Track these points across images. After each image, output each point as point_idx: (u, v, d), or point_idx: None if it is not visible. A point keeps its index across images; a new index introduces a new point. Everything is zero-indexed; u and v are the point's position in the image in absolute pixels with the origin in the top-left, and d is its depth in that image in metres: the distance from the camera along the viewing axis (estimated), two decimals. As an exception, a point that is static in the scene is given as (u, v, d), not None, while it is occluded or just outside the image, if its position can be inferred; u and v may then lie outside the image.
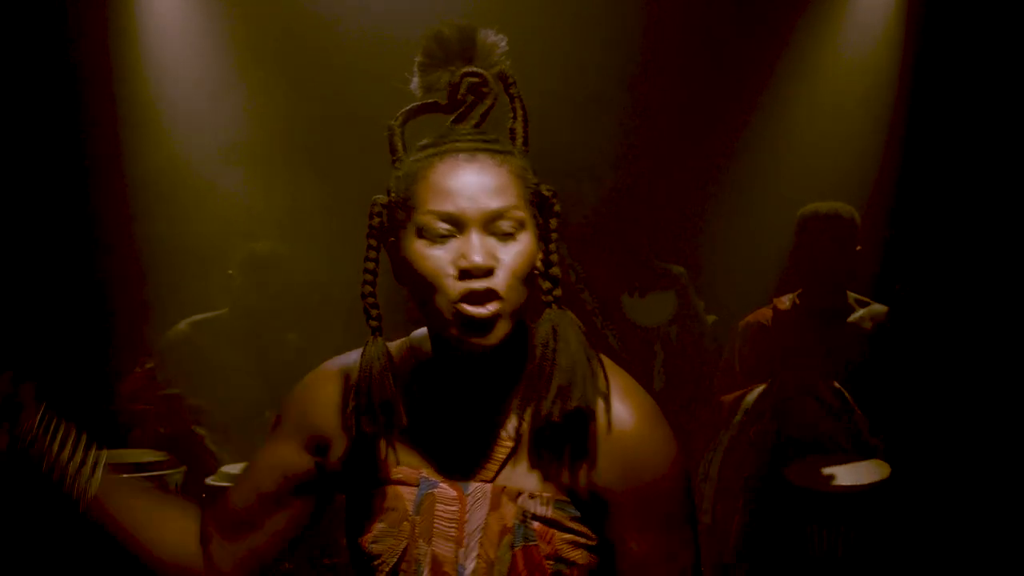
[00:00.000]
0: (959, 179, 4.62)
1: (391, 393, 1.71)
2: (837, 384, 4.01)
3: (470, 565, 1.70)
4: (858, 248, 4.13)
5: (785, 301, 4.26)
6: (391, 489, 1.74)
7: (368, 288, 1.72)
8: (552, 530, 1.70)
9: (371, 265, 1.72)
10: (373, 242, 1.72)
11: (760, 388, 4.07)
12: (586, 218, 4.46)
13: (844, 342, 4.10)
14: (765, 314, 4.27)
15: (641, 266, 4.60)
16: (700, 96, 5.03)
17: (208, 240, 4.70)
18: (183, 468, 3.81)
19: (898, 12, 4.87)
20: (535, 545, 1.69)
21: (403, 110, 1.79)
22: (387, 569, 1.73)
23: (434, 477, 1.73)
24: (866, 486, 3.68)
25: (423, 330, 1.81)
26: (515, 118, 1.77)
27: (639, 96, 4.70)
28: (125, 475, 3.62)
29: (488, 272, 1.64)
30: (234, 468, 3.79)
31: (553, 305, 1.71)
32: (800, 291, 4.25)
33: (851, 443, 3.94)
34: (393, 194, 1.73)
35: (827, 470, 3.76)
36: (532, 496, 1.70)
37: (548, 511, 1.70)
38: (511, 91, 1.76)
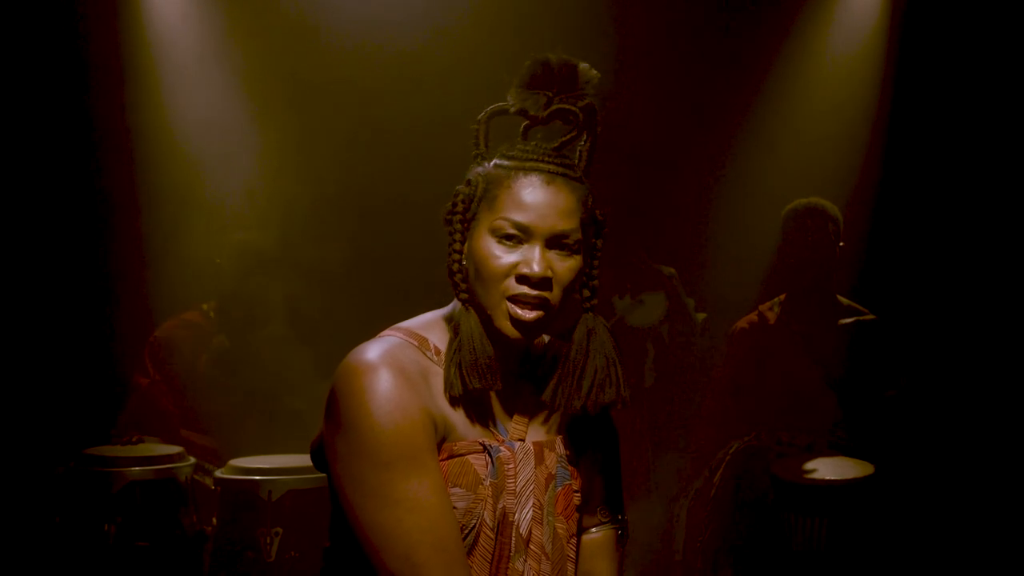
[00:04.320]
0: (940, 179, 4.71)
1: (493, 353, 1.91)
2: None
3: (527, 513, 1.94)
4: (841, 244, 4.25)
5: (770, 308, 4.34)
6: (461, 458, 1.90)
7: (455, 266, 1.94)
8: (572, 467, 2.02)
9: (456, 245, 1.94)
10: (458, 225, 1.94)
11: (737, 444, 4.16)
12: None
13: (831, 345, 4.20)
14: (752, 320, 4.35)
15: (632, 268, 4.69)
16: (691, 99, 5.10)
17: (206, 235, 4.76)
18: (193, 461, 3.91)
19: (882, 19, 4.95)
20: (569, 483, 2.01)
21: (491, 108, 1.99)
22: (467, 530, 1.89)
23: (489, 441, 1.92)
24: (850, 481, 3.77)
25: (440, 312, 2.00)
26: (586, 142, 1.99)
27: (631, 99, 4.75)
28: (136, 468, 3.79)
29: (544, 281, 1.89)
30: (242, 461, 3.88)
31: (589, 312, 1.98)
32: (784, 296, 4.34)
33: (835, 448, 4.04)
34: (474, 186, 1.94)
35: (812, 466, 3.86)
36: (562, 444, 2.01)
37: (574, 453, 2.03)
38: (592, 121, 1.98)
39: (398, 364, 1.86)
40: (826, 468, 3.85)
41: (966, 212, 4.65)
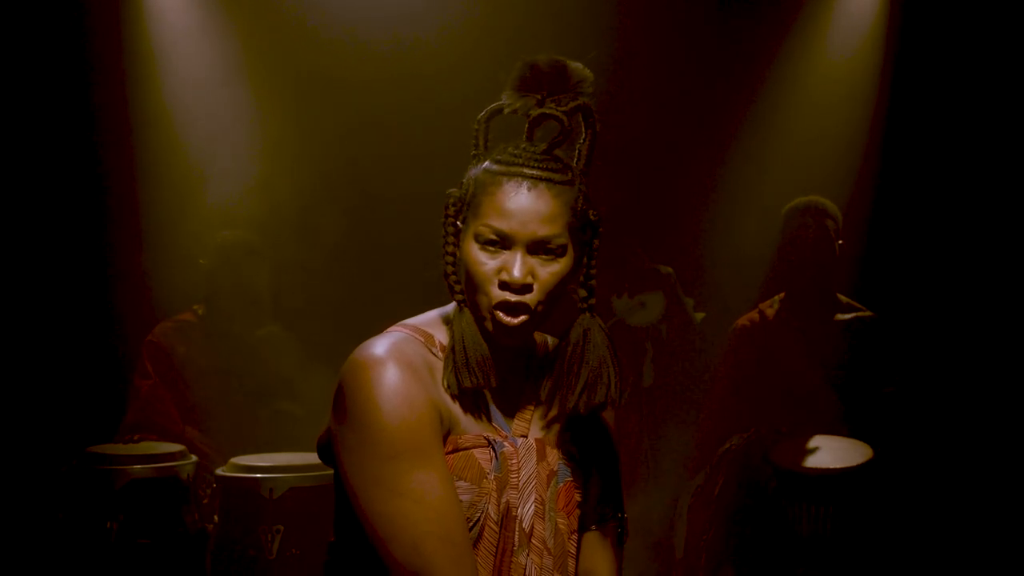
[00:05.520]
0: (939, 177, 4.73)
1: (488, 353, 1.94)
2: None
3: (529, 508, 1.97)
4: (840, 242, 4.27)
5: (770, 306, 4.37)
6: (466, 452, 1.94)
7: (450, 268, 1.97)
8: (573, 464, 2.05)
9: (450, 248, 1.97)
10: (451, 228, 1.97)
11: (737, 439, 4.17)
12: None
13: (831, 342, 4.22)
14: (752, 318, 4.38)
15: (630, 267, 4.71)
16: (691, 99, 5.11)
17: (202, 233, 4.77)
18: (195, 459, 3.92)
19: (881, 18, 4.97)
20: (570, 479, 2.03)
21: (489, 108, 2.01)
22: (472, 523, 1.92)
23: (493, 436, 1.96)
24: (853, 468, 3.80)
25: (444, 310, 2.03)
26: (584, 140, 1.99)
27: (629, 98, 4.77)
28: (138, 466, 3.81)
29: (524, 287, 1.91)
30: (243, 459, 3.89)
31: (586, 312, 2.00)
32: (784, 294, 4.36)
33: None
34: (465, 190, 1.97)
35: (812, 446, 3.89)
36: (563, 441, 2.04)
37: (574, 451, 2.05)
38: (588, 120, 1.98)
39: (405, 358, 1.89)
40: (826, 454, 3.86)
41: (965, 210, 4.67)
